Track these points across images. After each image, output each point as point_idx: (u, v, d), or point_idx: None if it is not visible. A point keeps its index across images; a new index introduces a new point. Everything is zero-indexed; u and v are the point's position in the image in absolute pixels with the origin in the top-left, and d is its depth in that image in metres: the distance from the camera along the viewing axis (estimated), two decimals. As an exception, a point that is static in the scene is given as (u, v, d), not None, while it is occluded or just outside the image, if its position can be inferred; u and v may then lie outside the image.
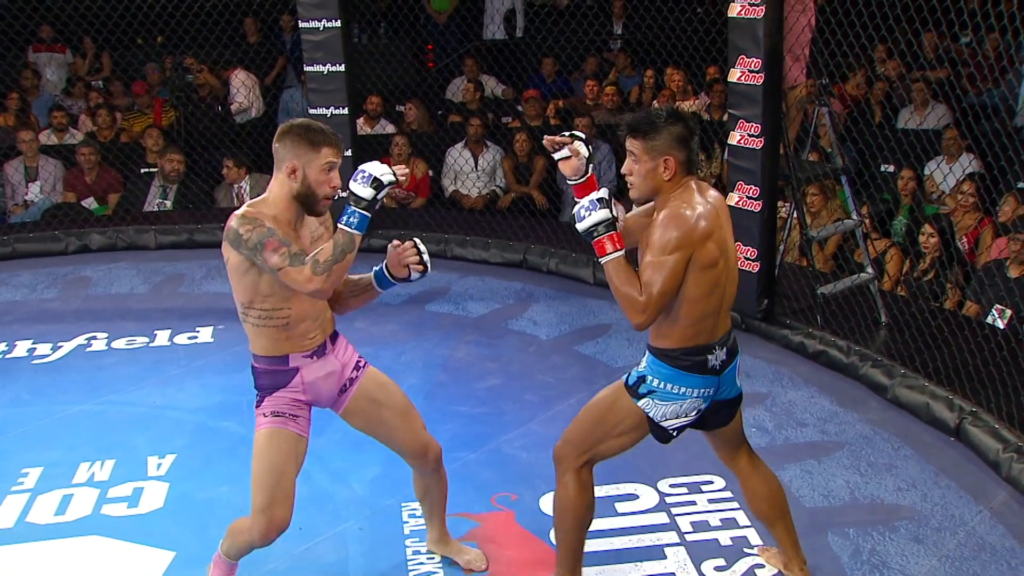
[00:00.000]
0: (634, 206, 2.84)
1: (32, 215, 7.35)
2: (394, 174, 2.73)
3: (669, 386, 2.74)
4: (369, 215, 2.70)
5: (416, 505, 3.57)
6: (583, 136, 2.82)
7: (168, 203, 7.33)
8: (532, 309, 5.59)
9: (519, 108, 7.90)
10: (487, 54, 7.79)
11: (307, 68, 6.24)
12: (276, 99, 8.45)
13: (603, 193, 2.68)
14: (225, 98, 8.21)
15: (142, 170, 7.62)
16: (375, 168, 2.71)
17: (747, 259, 4.97)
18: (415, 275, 2.88)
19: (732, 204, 4.96)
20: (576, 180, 2.79)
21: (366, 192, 2.67)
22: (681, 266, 2.59)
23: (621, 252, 2.64)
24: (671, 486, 3.71)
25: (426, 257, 2.87)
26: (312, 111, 6.33)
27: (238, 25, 8.24)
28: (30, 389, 4.63)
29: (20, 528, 3.46)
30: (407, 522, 3.48)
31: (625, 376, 2.84)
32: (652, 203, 2.75)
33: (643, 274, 2.61)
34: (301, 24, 6.14)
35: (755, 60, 4.68)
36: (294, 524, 3.40)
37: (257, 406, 2.87)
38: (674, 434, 2.80)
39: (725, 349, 2.77)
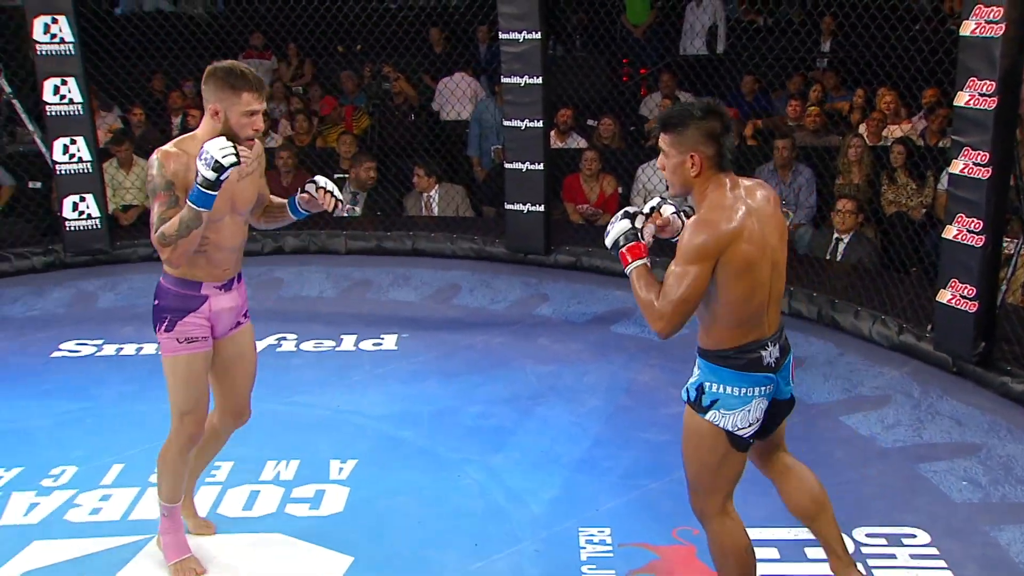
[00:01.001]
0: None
1: (235, 215, 7.85)
2: (236, 155, 2.91)
3: (731, 389, 2.71)
4: (214, 193, 2.94)
5: (595, 530, 3.57)
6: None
7: (357, 209, 7.65)
8: (722, 337, 5.48)
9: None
10: (687, 69, 7.70)
11: (504, 79, 6.38)
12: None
13: (630, 208, 2.80)
14: (422, 107, 8.50)
15: (335, 175, 7.98)
16: (216, 149, 2.91)
17: (964, 297, 4.69)
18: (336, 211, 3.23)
19: (949, 238, 4.70)
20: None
21: (209, 173, 2.91)
22: (705, 275, 2.60)
23: (642, 261, 2.71)
24: (868, 536, 3.54)
25: (337, 194, 3.21)
26: (507, 123, 6.46)
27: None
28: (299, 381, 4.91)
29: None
30: (584, 547, 3.48)
31: (684, 393, 2.81)
32: None
33: (665, 282, 2.64)
34: (501, 35, 6.28)
35: (988, 82, 4.42)
36: (469, 539, 3.51)
37: (167, 329, 3.12)
38: (752, 441, 2.79)
39: (778, 346, 2.77)
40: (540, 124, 6.36)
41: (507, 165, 6.58)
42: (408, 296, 6.33)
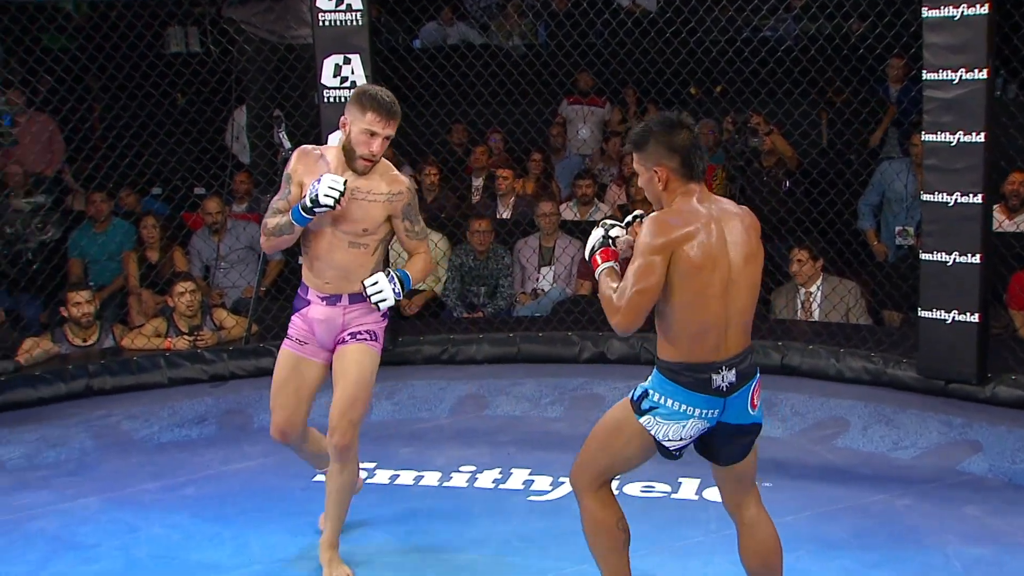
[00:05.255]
0: None
1: (542, 308, 8.11)
2: (337, 199, 4.13)
3: (670, 402, 3.60)
4: (309, 217, 4.23)
5: None
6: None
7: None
8: None
9: None
10: None
11: (926, 136, 6.24)
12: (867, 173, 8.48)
13: (607, 220, 3.84)
14: (804, 172, 8.41)
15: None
16: (326, 184, 4.14)
17: None
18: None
19: None
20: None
21: (306, 201, 4.20)
22: (659, 268, 3.49)
23: (610, 264, 3.74)
24: None
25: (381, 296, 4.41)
26: (926, 196, 6.28)
27: (827, 71, 8.44)
28: (521, 535, 5.03)
29: None
30: None
31: (632, 391, 3.72)
32: None
33: (624, 277, 3.56)
34: (926, 75, 6.16)
35: None
36: None
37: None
38: (677, 454, 3.72)
39: (735, 371, 3.61)
40: (979, 200, 6.14)
41: (924, 255, 6.42)
42: (773, 430, 6.19)
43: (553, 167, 9.83)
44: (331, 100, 7.08)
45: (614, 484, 5.26)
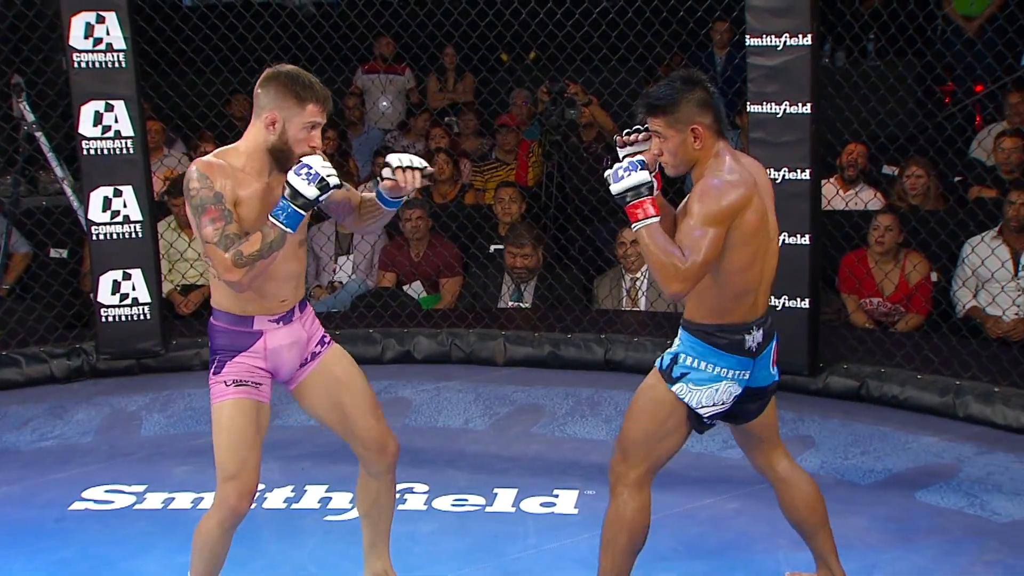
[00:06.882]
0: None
1: (341, 303, 8.08)
2: (337, 175, 3.73)
3: (703, 365, 3.87)
4: (304, 214, 3.77)
5: None
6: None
7: (523, 302, 7.74)
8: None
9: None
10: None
11: (751, 108, 6.39)
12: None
13: (641, 156, 3.83)
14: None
15: (491, 247, 8.12)
16: (320, 165, 3.72)
17: None
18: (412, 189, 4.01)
19: None
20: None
21: (310, 191, 3.71)
22: (722, 237, 3.71)
23: (657, 218, 3.74)
24: None
25: (417, 163, 3.95)
26: (756, 173, 6.47)
27: (646, 36, 8.65)
28: (317, 560, 5.03)
29: None
30: None
31: (659, 359, 4.00)
32: None
33: (685, 241, 3.71)
34: (750, 41, 6.30)
35: None
36: None
37: (216, 372, 3.97)
38: (709, 423, 3.98)
39: (762, 331, 3.94)
40: (806, 175, 6.33)
41: (755, 236, 6.55)
42: (596, 431, 6.34)
43: (350, 143, 9.80)
44: (83, 65, 6.83)
45: (421, 500, 5.52)
